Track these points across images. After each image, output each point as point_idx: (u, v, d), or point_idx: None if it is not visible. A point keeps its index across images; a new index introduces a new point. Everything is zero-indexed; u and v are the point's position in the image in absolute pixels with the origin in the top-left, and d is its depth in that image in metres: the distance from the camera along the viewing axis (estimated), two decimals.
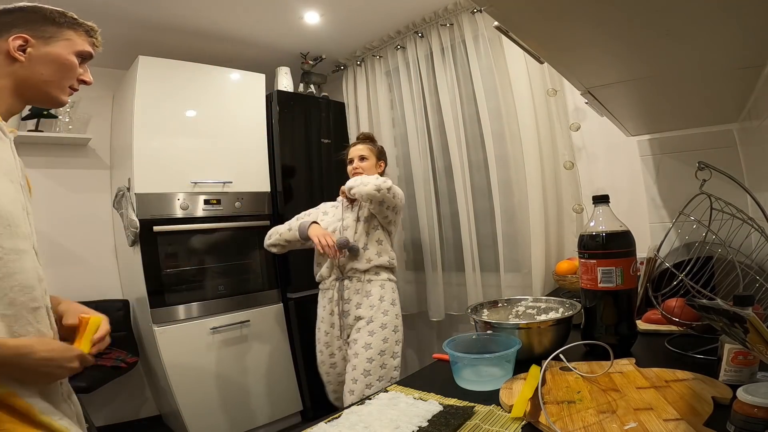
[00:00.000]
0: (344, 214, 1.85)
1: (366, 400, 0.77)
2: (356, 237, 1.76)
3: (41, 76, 0.85)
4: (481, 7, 0.59)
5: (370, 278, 1.76)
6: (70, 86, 0.91)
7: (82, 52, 0.91)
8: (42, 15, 0.88)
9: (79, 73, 0.92)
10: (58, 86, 0.88)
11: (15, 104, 0.87)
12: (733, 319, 0.59)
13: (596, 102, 1.07)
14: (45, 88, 0.87)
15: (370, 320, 1.69)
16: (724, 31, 0.66)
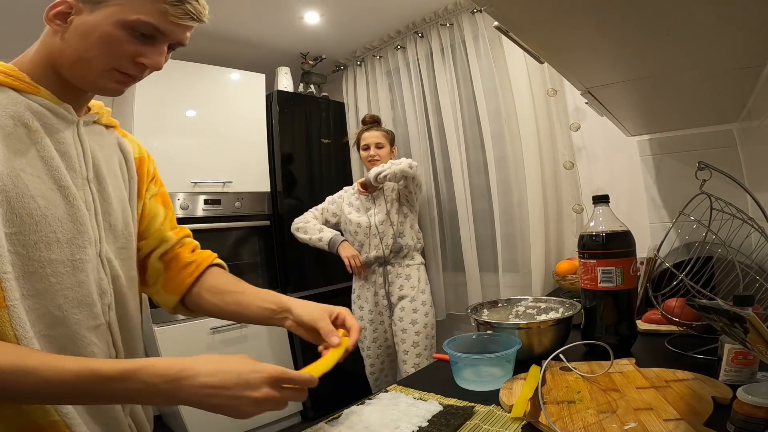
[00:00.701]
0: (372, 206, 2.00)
1: (366, 400, 0.77)
2: (393, 229, 1.96)
3: (73, 52, 0.65)
4: (481, 7, 0.59)
5: (409, 263, 2.01)
6: (117, 68, 0.67)
7: (138, 23, 0.64)
8: None
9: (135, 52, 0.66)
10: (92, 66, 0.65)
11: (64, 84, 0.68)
12: (733, 319, 0.59)
13: (596, 102, 1.07)
14: (73, 67, 0.66)
15: (413, 299, 1.96)
16: (724, 32, 0.66)
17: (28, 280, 0.58)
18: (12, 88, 0.63)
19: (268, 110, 2.45)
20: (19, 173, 0.59)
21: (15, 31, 2.09)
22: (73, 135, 0.69)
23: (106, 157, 0.74)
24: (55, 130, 0.66)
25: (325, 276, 2.45)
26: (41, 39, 0.68)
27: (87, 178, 0.69)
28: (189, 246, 0.87)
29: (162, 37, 0.67)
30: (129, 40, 0.64)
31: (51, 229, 0.61)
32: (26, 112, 0.63)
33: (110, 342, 0.69)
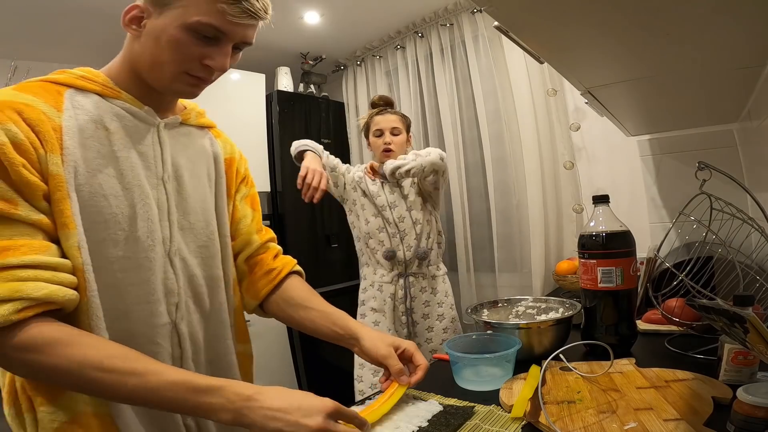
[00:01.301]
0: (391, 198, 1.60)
1: (366, 400, 0.77)
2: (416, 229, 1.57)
3: (149, 57, 0.67)
4: (481, 7, 0.59)
5: (434, 274, 1.63)
6: (187, 71, 0.68)
7: (200, 25, 0.64)
8: None
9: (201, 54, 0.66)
10: (165, 70, 0.67)
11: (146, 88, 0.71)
12: (733, 319, 0.59)
13: (596, 102, 1.07)
14: (150, 71, 0.68)
15: (442, 317, 1.62)
16: (724, 32, 0.66)
17: (97, 274, 0.61)
18: (96, 92, 0.67)
19: (268, 110, 2.45)
20: (95, 173, 0.62)
21: (15, 31, 2.09)
22: (152, 136, 0.71)
23: (190, 157, 0.76)
24: (135, 131, 0.69)
25: (326, 276, 2.45)
26: (125, 45, 0.70)
27: (162, 178, 0.71)
28: (272, 251, 0.89)
29: (224, 38, 0.67)
30: (194, 42, 0.65)
31: (120, 227, 0.64)
32: (107, 115, 0.66)
33: (176, 341, 0.71)
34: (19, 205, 0.56)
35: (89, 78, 0.67)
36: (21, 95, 0.60)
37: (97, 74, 0.69)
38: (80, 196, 0.60)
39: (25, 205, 0.56)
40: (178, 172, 0.73)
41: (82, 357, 0.54)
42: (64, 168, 0.59)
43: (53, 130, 0.59)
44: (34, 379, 0.59)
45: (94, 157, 0.63)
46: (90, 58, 2.60)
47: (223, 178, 0.82)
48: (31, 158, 0.57)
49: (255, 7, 0.67)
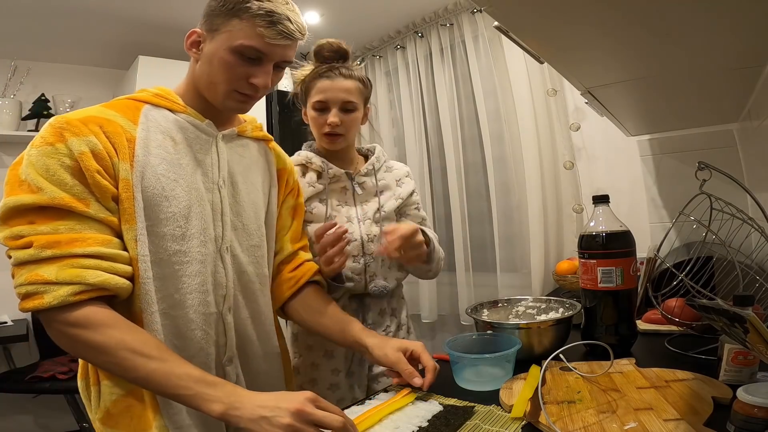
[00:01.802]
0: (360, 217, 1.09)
1: (366, 400, 0.77)
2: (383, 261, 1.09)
3: (204, 77, 0.77)
4: (481, 7, 0.59)
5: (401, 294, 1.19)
6: (237, 89, 0.77)
7: (243, 47, 0.73)
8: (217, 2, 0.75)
9: (247, 74, 0.75)
10: (218, 89, 0.77)
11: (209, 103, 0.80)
12: (733, 319, 0.59)
13: (596, 102, 1.07)
14: (207, 90, 0.78)
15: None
16: (724, 32, 0.66)
17: (157, 265, 0.71)
18: (167, 108, 0.77)
19: (268, 110, 2.45)
20: (159, 177, 0.72)
21: (15, 31, 2.09)
22: (211, 146, 0.81)
23: (245, 166, 0.86)
24: (197, 141, 0.79)
25: None
26: (189, 66, 0.81)
27: (218, 183, 0.80)
28: (300, 259, 0.95)
29: (265, 58, 0.76)
30: (240, 63, 0.75)
31: (178, 224, 0.73)
32: (173, 127, 0.76)
33: (222, 330, 0.79)
34: (91, 204, 0.66)
35: (162, 96, 0.78)
36: (106, 111, 0.72)
37: (169, 92, 0.80)
38: (145, 196, 0.70)
39: (95, 205, 0.66)
40: (233, 179, 0.83)
41: (120, 338, 0.62)
42: (133, 173, 0.69)
43: (127, 141, 0.70)
44: (74, 353, 0.67)
45: (159, 163, 0.72)
46: (90, 58, 2.61)
47: (275, 188, 0.92)
48: (106, 165, 0.68)
49: (289, 29, 0.75)
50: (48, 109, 2.31)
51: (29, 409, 2.29)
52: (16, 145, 2.34)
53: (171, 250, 0.72)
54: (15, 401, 2.22)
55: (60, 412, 2.26)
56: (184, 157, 0.76)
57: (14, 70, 2.24)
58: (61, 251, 0.62)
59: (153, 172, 0.71)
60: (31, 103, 2.29)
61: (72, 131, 0.66)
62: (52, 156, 0.64)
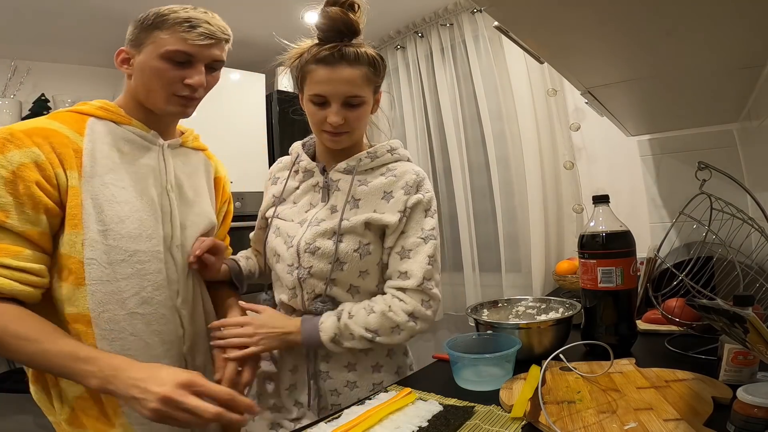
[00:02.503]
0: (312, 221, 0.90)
1: (366, 400, 0.77)
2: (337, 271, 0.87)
3: (140, 88, 0.83)
4: (481, 7, 0.59)
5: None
6: (175, 92, 0.81)
7: (171, 52, 0.78)
8: (138, 22, 0.83)
9: (180, 76, 0.80)
10: (159, 96, 0.81)
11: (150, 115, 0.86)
12: (733, 319, 0.59)
13: (596, 102, 1.07)
14: (147, 99, 0.83)
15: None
16: (725, 32, 0.66)
17: (119, 266, 0.75)
18: (111, 120, 0.82)
19: (268, 110, 2.45)
20: (108, 185, 0.76)
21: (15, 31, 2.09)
22: (158, 154, 0.86)
23: (189, 172, 0.93)
24: (144, 150, 0.84)
25: None
26: (124, 82, 0.86)
27: (166, 187, 0.85)
28: None
29: (193, 59, 0.81)
30: (171, 68, 0.80)
31: (134, 226, 0.78)
32: (119, 139, 0.82)
33: (179, 322, 0.84)
34: (11, 216, 0.68)
35: (106, 108, 0.82)
36: (51, 122, 0.76)
37: (112, 105, 0.84)
38: (96, 203, 0.74)
39: (17, 217, 0.68)
40: (180, 183, 0.89)
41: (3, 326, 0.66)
42: (81, 182, 0.74)
43: (74, 152, 0.74)
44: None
45: (107, 173, 0.77)
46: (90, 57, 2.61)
47: (213, 192, 1.00)
48: (48, 175, 0.71)
49: (210, 30, 0.81)
50: (48, 109, 2.31)
51: (29, 409, 2.29)
52: None
53: (130, 251, 0.77)
54: (15, 401, 2.21)
55: None
56: (132, 166, 0.81)
57: (14, 70, 2.24)
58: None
59: (101, 180, 0.76)
60: (31, 103, 2.29)
61: (15, 143, 0.69)
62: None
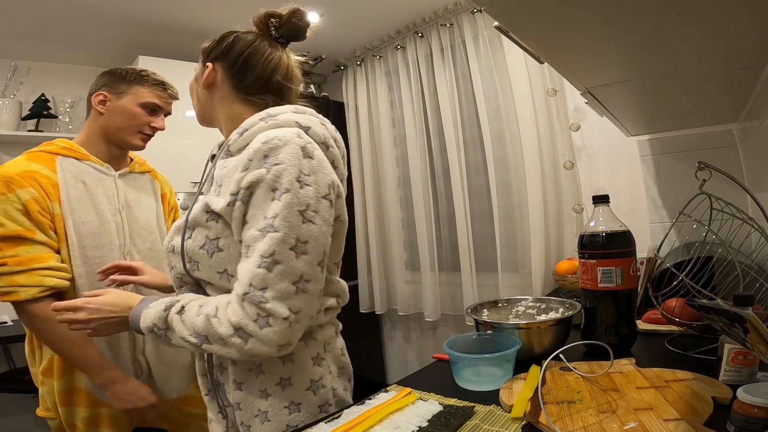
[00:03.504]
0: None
1: (366, 400, 0.77)
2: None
3: (114, 124, 1.11)
4: (481, 7, 0.59)
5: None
6: (142, 131, 1.14)
7: (148, 103, 1.12)
8: (117, 75, 1.11)
9: (149, 121, 1.14)
10: (129, 132, 1.12)
11: (109, 148, 1.14)
12: (733, 319, 0.59)
13: (596, 102, 1.07)
14: (119, 134, 1.12)
15: None
16: (724, 32, 0.66)
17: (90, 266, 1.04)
18: (74, 157, 1.08)
19: None
20: (78, 209, 1.04)
21: (15, 31, 2.09)
22: (112, 182, 1.13)
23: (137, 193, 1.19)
24: (101, 181, 1.11)
25: None
26: (90, 118, 1.12)
27: (119, 208, 1.12)
28: None
29: (160, 110, 1.17)
30: (144, 114, 1.13)
31: (93, 239, 1.05)
32: (83, 173, 1.08)
33: None
34: (37, 234, 0.98)
35: (69, 148, 1.08)
36: (33, 164, 1.02)
37: (74, 144, 1.10)
38: (73, 223, 1.02)
39: (40, 234, 0.99)
40: (128, 204, 1.15)
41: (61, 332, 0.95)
42: (61, 208, 1.02)
43: (52, 186, 1.01)
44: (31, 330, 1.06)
45: (75, 200, 1.04)
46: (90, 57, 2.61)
47: (161, 206, 1.25)
48: (43, 206, 0.99)
49: (174, 93, 1.20)
50: (48, 109, 2.31)
51: (29, 409, 2.29)
52: (16, 145, 2.34)
53: (92, 256, 1.04)
54: (15, 401, 2.21)
55: None
56: (94, 193, 1.07)
57: (14, 70, 2.24)
58: (26, 267, 0.96)
59: (71, 207, 1.02)
60: (31, 103, 2.29)
61: (17, 184, 0.97)
62: (6, 202, 0.96)
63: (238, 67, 0.81)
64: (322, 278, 0.69)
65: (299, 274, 0.65)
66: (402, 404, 0.72)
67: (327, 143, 0.76)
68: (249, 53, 0.81)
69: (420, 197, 2.39)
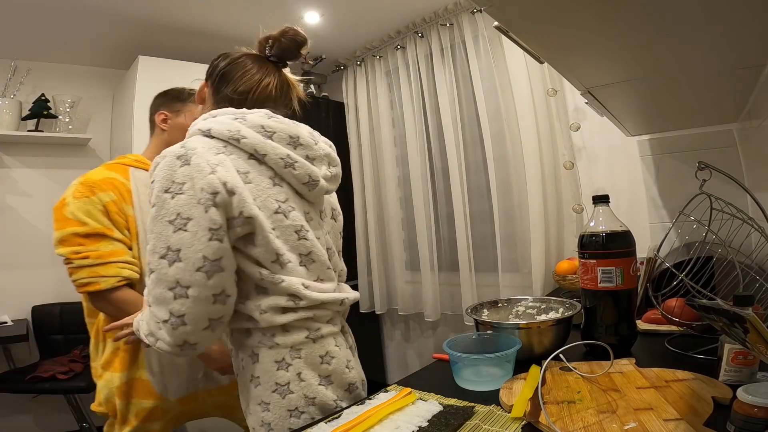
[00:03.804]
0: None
1: (366, 400, 0.77)
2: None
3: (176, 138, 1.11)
4: (481, 7, 0.59)
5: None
6: None
7: None
8: (172, 95, 1.25)
9: None
10: None
11: None
12: (733, 319, 0.59)
13: (596, 102, 1.07)
14: None
15: None
16: (724, 32, 0.66)
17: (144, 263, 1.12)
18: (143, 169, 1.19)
19: None
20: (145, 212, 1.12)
21: (15, 31, 2.09)
22: None
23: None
24: None
25: None
26: (155, 135, 1.25)
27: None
28: None
29: None
30: None
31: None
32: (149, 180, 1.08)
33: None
34: (114, 232, 1.09)
35: (139, 161, 1.21)
36: (111, 173, 1.15)
37: (143, 158, 1.22)
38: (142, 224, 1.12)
39: (117, 232, 1.10)
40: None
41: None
42: (134, 211, 1.13)
43: (126, 192, 1.14)
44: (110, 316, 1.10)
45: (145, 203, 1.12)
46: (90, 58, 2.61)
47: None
48: (120, 208, 1.11)
49: None
50: (48, 109, 2.31)
51: (29, 409, 2.29)
52: (16, 145, 2.34)
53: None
54: (15, 401, 2.22)
55: (60, 412, 2.26)
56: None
57: (14, 70, 2.24)
58: (106, 260, 1.06)
59: (141, 210, 1.13)
60: (31, 103, 2.29)
61: (99, 188, 1.10)
62: (89, 204, 1.08)
63: (217, 81, 0.88)
64: (211, 283, 0.70)
65: (174, 281, 0.69)
66: (402, 404, 0.72)
67: (236, 137, 0.77)
68: (229, 68, 0.87)
69: (420, 197, 2.39)
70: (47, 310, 2.33)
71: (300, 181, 0.81)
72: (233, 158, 0.76)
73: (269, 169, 0.79)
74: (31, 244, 2.36)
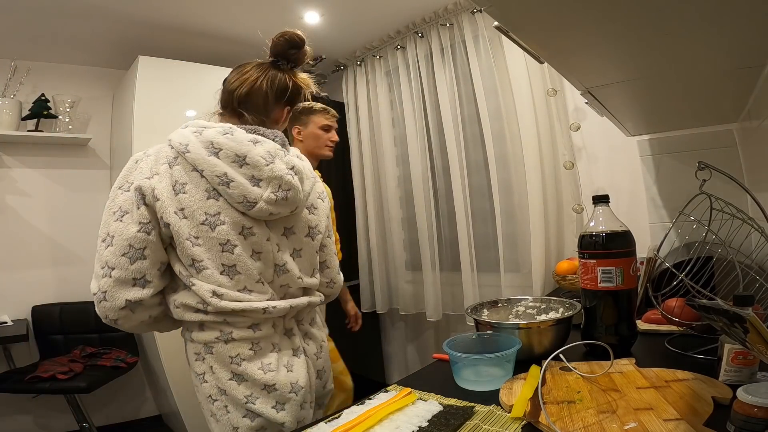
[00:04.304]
0: None
1: (366, 400, 0.77)
2: None
3: (310, 146, 1.61)
4: (481, 7, 0.59)
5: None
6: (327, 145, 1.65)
7: (324, 126, 1.64)
8: (298, 111, 1.55)
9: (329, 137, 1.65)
10: (321, 148, 1.64)
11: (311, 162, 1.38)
12: (733, 319, 0.59)
13: (596, 102, 1.07)
14: (316, 151, 1.62)
15: None
16: (724, 32, 0.66)
17: None
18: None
19: None
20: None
21: (15, 31, 2.09)
22: None
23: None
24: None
25: None
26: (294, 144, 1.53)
27: None
28: None
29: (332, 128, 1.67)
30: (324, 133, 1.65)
31: None
32: None
33: None
34: None
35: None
36: None
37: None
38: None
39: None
40: None
41: None
42: None
43: None
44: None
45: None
46: (90, 58, 2.60)
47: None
48: None
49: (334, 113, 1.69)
50: (48, 109, 2.31)
51: (29, 409, 2.29)
52: (16, 145, 2.34)
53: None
54: (15, 401, 2.22)
55: (60, 412, 2.26)
56: None
57: (14, 70, 2.24)
58: None
59: None
60: (31, 103, 2.29)
61: None
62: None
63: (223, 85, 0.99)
64: (133, 267, 0.81)
65: (105, 261, 0.82)
66: (402, 404, 0.72)
67: (183, 150, 0.84)
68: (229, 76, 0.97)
69: (420, 197, 2.38)
70: (47, 310, 2.33)
71: (234, 201, 0.84)
72: (177, 169, 0.84)
73: (208, 183, 0.84)
74: (31, 244, 2.36)
